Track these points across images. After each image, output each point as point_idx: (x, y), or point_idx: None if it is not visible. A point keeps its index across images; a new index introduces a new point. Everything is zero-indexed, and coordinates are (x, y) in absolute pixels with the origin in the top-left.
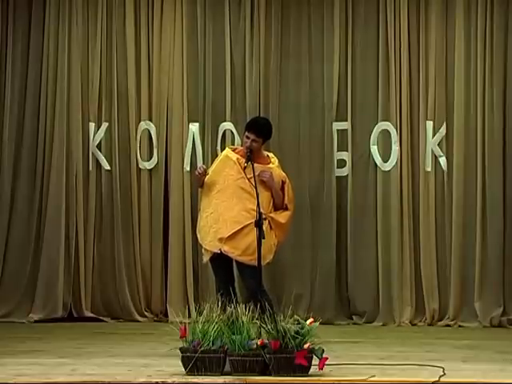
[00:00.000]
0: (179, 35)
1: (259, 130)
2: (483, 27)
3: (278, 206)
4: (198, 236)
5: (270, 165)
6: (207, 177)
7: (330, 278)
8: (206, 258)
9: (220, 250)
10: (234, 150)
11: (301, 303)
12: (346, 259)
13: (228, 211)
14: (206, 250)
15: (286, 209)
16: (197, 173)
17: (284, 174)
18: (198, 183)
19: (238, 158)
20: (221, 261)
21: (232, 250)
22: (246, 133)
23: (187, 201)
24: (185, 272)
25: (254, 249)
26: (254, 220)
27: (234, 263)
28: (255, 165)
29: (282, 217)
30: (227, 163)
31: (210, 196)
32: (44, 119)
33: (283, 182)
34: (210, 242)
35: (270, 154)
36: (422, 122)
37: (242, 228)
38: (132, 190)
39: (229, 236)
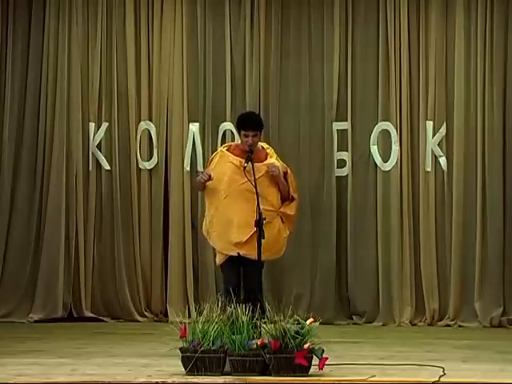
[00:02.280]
0: (179, 35)
1: (257, 125)
2: (483, 26)
3: (285, 198)
4: (208, 238)
5: (270, 160)
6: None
7: (330, 277)
8: (221, 261)
9: (238, 253)
10: (229, 149)
11: (301, 303)
12: (346, 259)
13: (239, 215)
14: (220, 253)
15: (293, 199)
16: (202, 180)
17: (285, 164)
18: (199, 187)
19: (240, 161)
20: (233, 263)
21: (250, 252)
22: (243, 131)
23: (187, 201)
24: (185, 272)
25: (269, 245)
26: (266, 218)
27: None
28: (257, 164)
29: (290, 208)
30: (228, 166)
31: (216, 202)
32: (44, 119)
33: (285, 173)
34: (225, 246)
35: (265, 145)
36: (422, 122)
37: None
38: (132, 190)
39: (246, 240)
